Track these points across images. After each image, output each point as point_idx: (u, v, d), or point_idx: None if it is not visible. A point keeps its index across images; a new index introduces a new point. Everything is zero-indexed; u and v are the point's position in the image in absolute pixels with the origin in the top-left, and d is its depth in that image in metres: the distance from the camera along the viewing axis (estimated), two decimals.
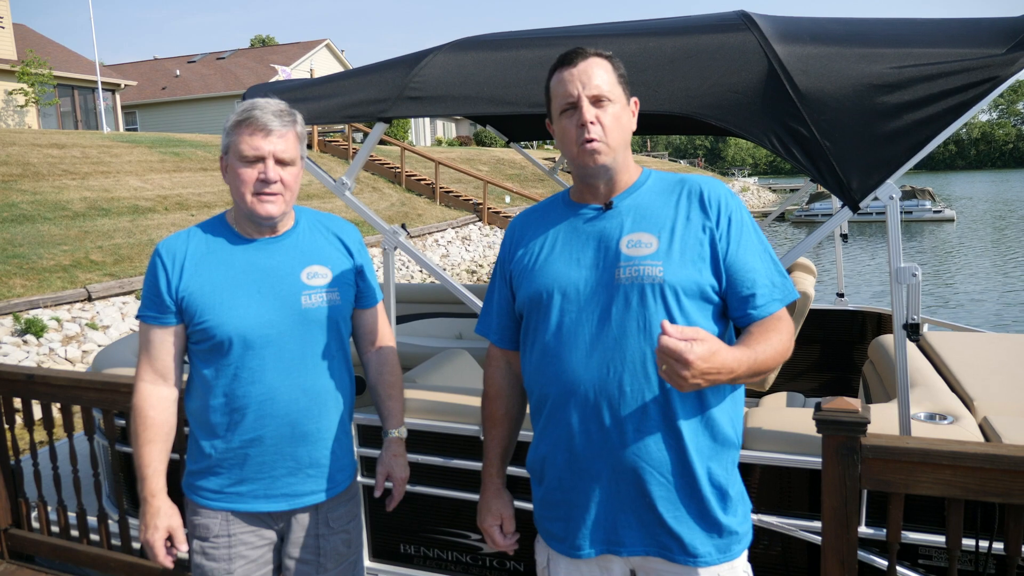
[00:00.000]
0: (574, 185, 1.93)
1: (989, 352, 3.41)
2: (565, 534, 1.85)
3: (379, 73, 2.94)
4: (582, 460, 1.79)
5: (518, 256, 1.93)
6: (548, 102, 1.87)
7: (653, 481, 1.74)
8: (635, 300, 1.72)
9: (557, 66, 1.82)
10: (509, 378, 2.05)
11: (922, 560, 2.43)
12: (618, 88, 1.80)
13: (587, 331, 1.76)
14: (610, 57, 1.81)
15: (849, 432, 2.04)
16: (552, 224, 1.90)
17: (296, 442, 2.12)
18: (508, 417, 2.05)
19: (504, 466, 2.07)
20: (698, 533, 1.77)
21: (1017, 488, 1.97)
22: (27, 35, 29.62)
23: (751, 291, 1.74)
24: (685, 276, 1.72)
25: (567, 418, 1.79)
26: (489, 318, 2.03)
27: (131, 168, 18.07)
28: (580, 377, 1.75)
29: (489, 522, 2.04)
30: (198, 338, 2.09)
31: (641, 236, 1.77)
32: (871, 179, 2.28)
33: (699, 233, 1.76)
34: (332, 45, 41.04)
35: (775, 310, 1.75)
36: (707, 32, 2.56)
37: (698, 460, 1.75)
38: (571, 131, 1.78)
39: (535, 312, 1.85)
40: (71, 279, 11.27)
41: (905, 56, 2.30)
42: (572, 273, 1.80)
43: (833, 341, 4.67)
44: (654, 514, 1.76)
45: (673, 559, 1.77)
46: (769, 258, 1.80)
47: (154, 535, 2.08)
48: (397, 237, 2.90)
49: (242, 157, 2.03)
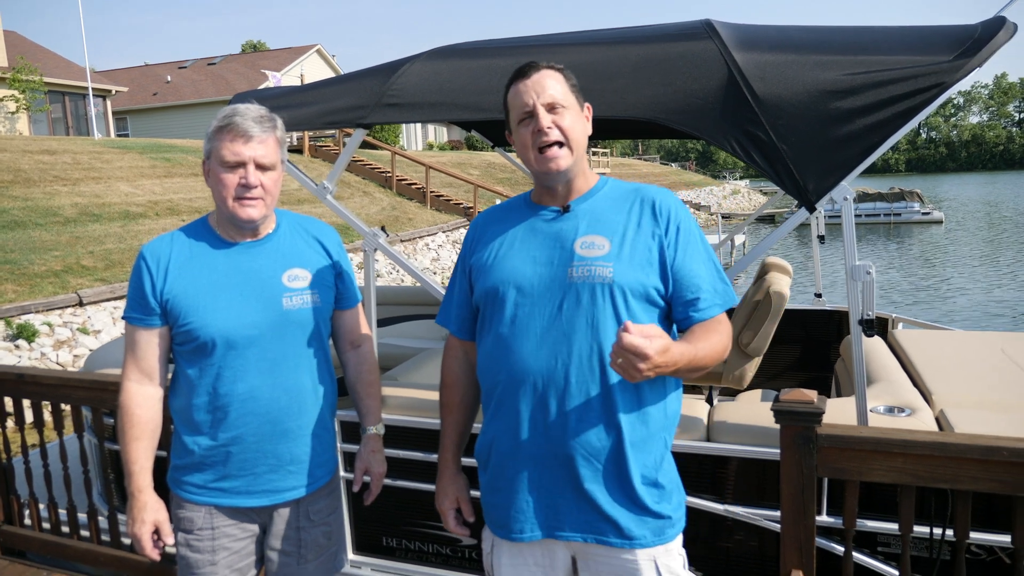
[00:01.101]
0: (534, 188, 2.04)
1: (956, 349, 3.51)
2: (507, 519, 1.94)
3: (358, 81, 3.03)
4: (526, 446, 1.88)
5: (478, 252, 2.03)
6: (507, 114, 1.96)
7: (589, 468, 1.84)
8: (585, 298, 1.83)
9: (512, 80, 1.92)
10: (465, 367, 2.15)
11: (881, 548, 2.52)
12: (571, 96, 1.90)
13: (539, 324, 1.86)
14: (561, 69, 1.92)
15: (805, 422, 2.13)
16: (512, 223, 2.01)
17: (277, 439, 2.19)
18: (463, 405, 2.15)
19: (459, 452, 2.16)
20: (632, 518, 1.86)
21: (964, 474, 2.06)
22: (18, 42, 29.60)
23: (695, 295, 1.86)
24: (633, 278, 1.83)
25: (515, 405, 1.88)
26: (449, 309, 2.13)
27: (122, 174, 18.08)
28: (529, 367, 1.85)
29: (446, 505, 2.14)
30: (182, 339, 2.16)
31: (595, 239, 1.87)
32: (826, 181, 2.38)
33: (649, 240, 1.88)
34: (323, 50, 41.06)
35: (716, 314, 1.88)
36: (671, 41, 2.66)
37: (631, 451, 1.84)
38: (528, 138, 1.88)
39: (491, 305, 1.95)
40: (62, 284, 11.30)
41: (858, 63, 2.40)
42: (527, 269, 1.91)
43: (810, 340, 4.76)
44: (589, 499, 1.85)
45: (609, 543, 1.86)
46: (713, 266, 1.91)
47: (141, 528, 2.15)
48: (377, 240, 2.98)
49: (223, 162, 2.09)
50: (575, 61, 2.71)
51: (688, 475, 2.72)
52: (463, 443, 2.17)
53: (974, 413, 2.62)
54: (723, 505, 2.66)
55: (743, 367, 4.43)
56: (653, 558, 1.87)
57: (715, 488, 2.69)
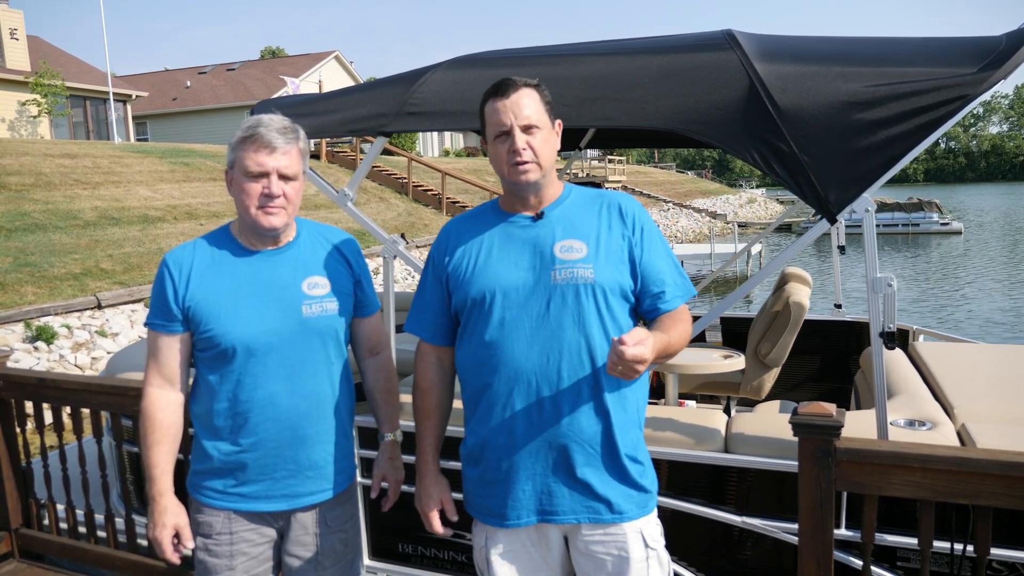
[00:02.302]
0: (504, 196, 2.15)
1: (977, 362, 3.48)
2: (502, 508, 2.07)
3: (380, 89, 3.05)
4: (521, 439, 2.02)
5: (455, 260, 2.13)
6: (483, 125, 2.08)
7: (582, 453, 2.00)
8: (571, 298, 1.99)
9: (491, 95, 2.03)
10: (440, 372, 2.23)
11: (900, 562, 2.50)
12: (545, 115, 2.03)
13: (527, 325, 2.00)
14: (537, 86, 2.04)
15: (823, 435, 2.12)
16: (485, 229, 2.13)
17: (296, 445, 2.20)
18: (440, 408, 2.24)
19: (438, 454, 2.25)
20: (621, 494, 2.04)
21: (985, 490, 2.04)
22: (40, 46, 29.94)
23: (661, 289, 2.05)
24: (611, 277, 2.01)
25: (510, 402, 2.02)
26: (421, 317, 2.21)
27: (141, 178, 18.25)
28: (522, 366, 1.99)
29: (431, 506, 2.21)
30: (203, 346, 2.18)
31: (572, 243, 2.03)
32: (848, 193, 2.37)
33: (619, 241, 2.06)
34: (341, 57, 41.30)
35: (679, 305, 2.07)
36: (692, 51, 2.66)
37: (618, 433, 2.02)
38: (504, 155, 2.01)
39: (476, 311, 2.06)
40: (81, 287, 11.41)
41: (880, 75, 2.39)
42: (511, 275, 2.03)
43: (830, 351, 4.74)
44: (583, 483, 2.02)
45: (601, 520, 2.03)
46: (673, 263, 2.10)
47: (162, 532, 2.17)
48: (396, 246, 3.00)
49: (247, 172, 2.12)
50: (596, 71, 2.72)
51: (706, 486, 2.71)
52: (440, 445, 2.26)
53: (996, 427, 2.59)
54: (740, 517, 2.65)
55: (762, 378, 4.41)
56: (639, 529, 2.06)
57: (733, 499, 2.68)
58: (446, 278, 2.14)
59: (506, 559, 2.11)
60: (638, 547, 2.04)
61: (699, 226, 38.54)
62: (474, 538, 2.20)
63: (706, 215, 42.86)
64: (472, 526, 2.22)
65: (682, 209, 42.53)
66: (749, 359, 4.47)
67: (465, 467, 2.18)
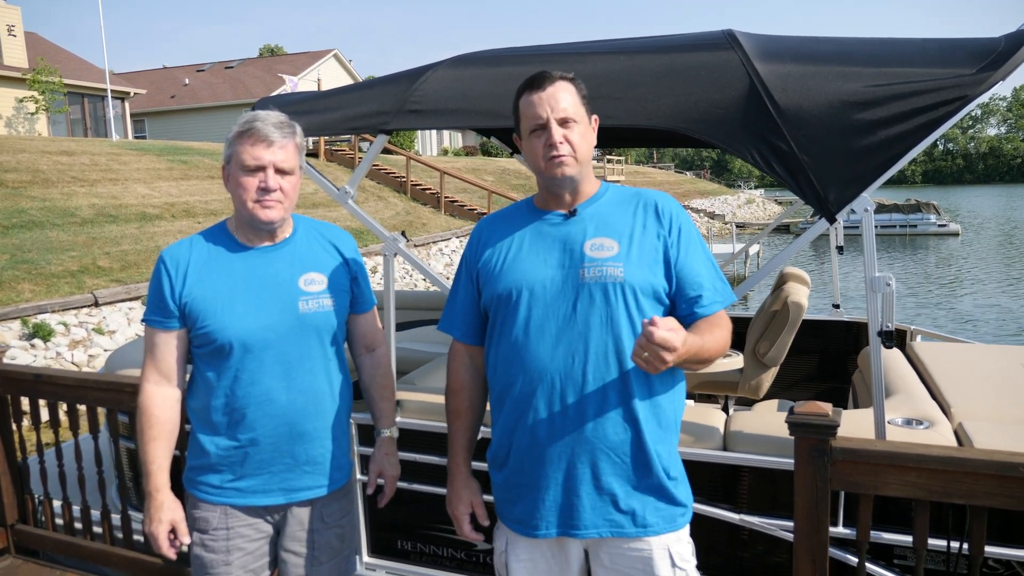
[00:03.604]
0: (539, 193, 2.10)
1: (975, 362, 3.49)
2: (525, 515, 2.00)
3: (381, 87, 3.05)
4: (544, 444, 1.94)
5: (485, 257, 2.08)
6: (517, 121, 2.03)
7: (608, 461, 1.92)
8: (599, 297, 1.91)
9: (526, 88, 1.98)
10: (471, 372, 2.18)
11: (897, 560, 2.50)
12: (582, 109, 1.97)
13: (553, 325, 1.93)
14: (573, 79, 1.99)
15: (819, 435, 2.12)
16: (518, 228, 2.07)
17: (294, 440, 2.21)
18: (471, 409, 2.18)
19: (469, 456, 2.20)
20: (649, 506, 1.94)
21: (980, 490, 2.04)
22: (38, 43, 29.90)
23: (698, 293, 1.96)
24: (642, 277, 1.92)
25: (534, 404, 1.94)
26: (453, 316, 2.17)
27: (139, 176, 18.22)
28: (547, 366, 1.92)
29: (461, 509, 2.16)
30: (200, 342, 2.18)
31: (604, 240, 1.96)
32: (847, 192, 2.37)
33: (654, 240, 1.97)
34: (340, 55, 41.28)
35: (717, 310, 1.97)
36: (693, 50, 2.66)
37: (650, 442, 1.93)
38: (540, 149, 1.96)
39: (503, 308, 2.01)
40: (78, 285, 11.39)
41: (880, 75, 2.39)
42: (540, 272, 1.97)
43: (828, 351, 4.75)
44: (607, 494, 1.93)
45: (625, 534, 1.93)
46: (712, 266, 2.01)
47: (158, 527, 2.17)
48: (397, 244, 3.00)
49: (244, 166, 2.12)
50: (596, 70, 2.72)
51: (704, 484, 2.71)
52: (472, 447, 2.20)
53: (993, 427, 2.60)
54: (738, 515, 2.65)
55: (760, 377, 4.41)
56: (666, 546, 1.95)
57: (731, 497, 2.68)
58: (476, 275, 2.10)
59: (525, 568, 2.05)
60: (664, 566, 1.94)
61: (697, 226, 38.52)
62: (495, 541, 2.15)
63: (704, 215, 42.87)
64: (494, 528, 2.17)
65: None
66: (747, 358, 4.47)
67: (491, 471, 2.12)
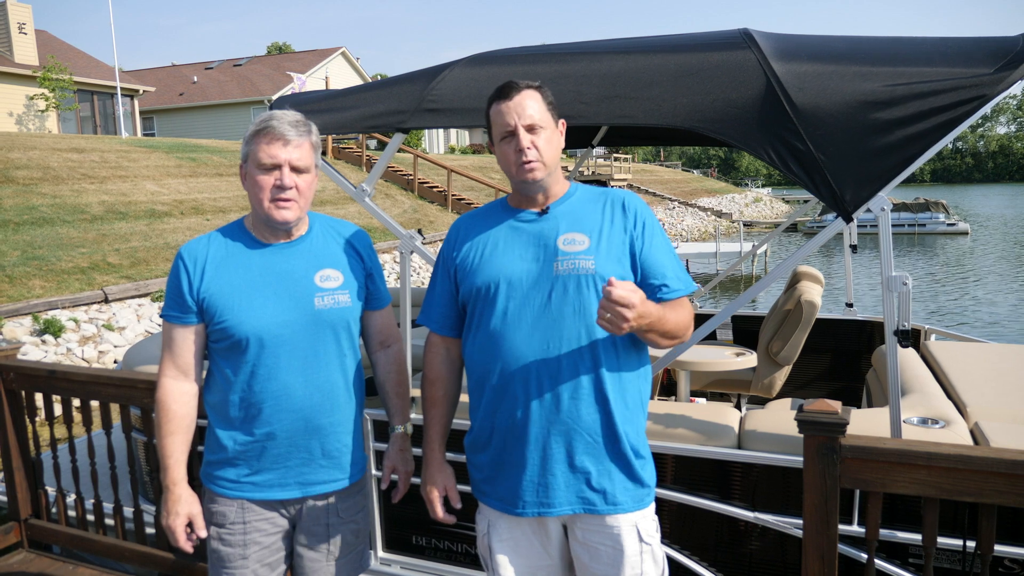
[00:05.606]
0: (512, 194, 2.23)
1: (989, 361, 3.48)
2: (508, 493, 2.13)
3: (398, 86, 3.07)
4: (523, 426, 2.07)
5: (463, 253, 2.20)
6: (489, 129, 2.16)
7: (581, 441, 2.05)
8: (571, 288, 2.05)
9: (495, 98, 2.10)
10: (448, 363, 2.30)
11: (912, 559, 2.50)
12: (548, 115, 2.10)
13: (529, 315, 2.06)
14: (540, 87, 2.11)
15: (828, 432, 2.12)
16: (494, 225, 2.20)
17: (310, 435, 2.22)
18: (447, 398, 2.30)
19: (444, 442, 2.30)
20: (619, 486, 2.08)
21: (989, 488, 2.03)
22: (49, 41, 30.03)
23: (662, 281, 2.09)
24: (611, 269, 2.06)
25: (512, 390, 2.07)
26: (431, 309, 2.28)
27: (148, 173, 18.29)
28: (523, 353, 2.05)
29: (435, 493, 2.26)
30: (217, 337, 2.20)
31: (575, 236, 2.09)
32: (864, 191, 2.36)
33: (621, 235, 2.11)
34: (348, 53, 41.30)
35: (679, 296, 2.11)
36: (710, 50, 2.66)
37: (620, 423, 2.07)
38: (511, 155, 2.09)
39: (481, 300, 2.13)
40: (88, 281, 11.44)
41: (898, 74, 2.38)
42: (516, 266, 2.10)
43: (841, 350, 4.74)
44: (581, 471, 2.06)
45: (596, 511, 2.08)
46: (674, 258, 2.16)
47: (175, 521, 2.19)
48: (413, 242, 3.01)
49: (260, 165, 2.14)
50: (614, 69, 2.72)
51: (719, 481, 2.71)
52: (446, 434, 2.30)
53: (1010, 426, 2.59)
54: (753, 512, 2.66)
55: (772, 375, 4.41)
56: (634, 523, 2.09)
57: (745, 495, 2.68)
58: (454, 270, 2.21)
59: (508, 547, 2.16)
60: (632, 541, 2.08)
61: (704, 225, 38.52)
62: (477, 525, 2.26)
63: (711, 214, 42.82)
64: (475, 514, 2.26)
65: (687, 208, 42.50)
66: (760, 357, 4.47)
67: (470, 455, 2.23)
